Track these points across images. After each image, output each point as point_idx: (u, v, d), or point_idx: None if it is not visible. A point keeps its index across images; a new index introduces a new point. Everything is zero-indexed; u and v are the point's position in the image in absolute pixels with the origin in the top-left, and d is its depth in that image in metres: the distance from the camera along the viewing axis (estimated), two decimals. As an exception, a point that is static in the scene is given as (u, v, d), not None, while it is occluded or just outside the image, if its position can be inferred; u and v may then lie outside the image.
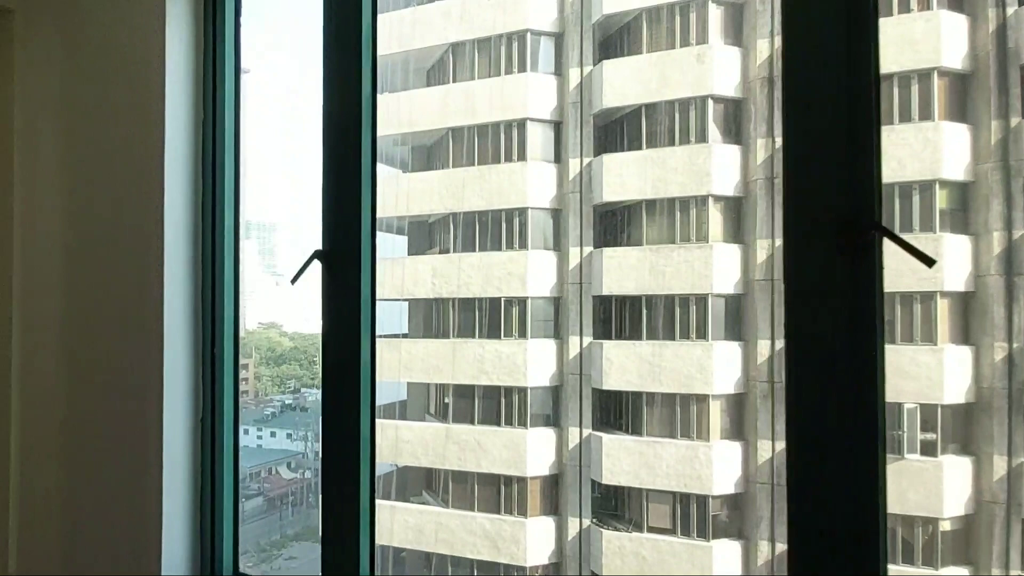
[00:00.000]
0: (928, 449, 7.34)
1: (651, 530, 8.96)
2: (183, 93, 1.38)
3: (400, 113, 11.03)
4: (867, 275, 0.77)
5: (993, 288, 7.15)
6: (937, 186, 7.50)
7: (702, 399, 8.74)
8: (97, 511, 1.42)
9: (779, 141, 8.22)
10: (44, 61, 1.53)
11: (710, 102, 8.89)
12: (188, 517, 1.34)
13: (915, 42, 7.58)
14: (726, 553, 8.57)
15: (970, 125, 7.41)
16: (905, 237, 0.80)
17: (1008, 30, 7.21)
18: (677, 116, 9.12)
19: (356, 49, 1.19)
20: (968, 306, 7.40)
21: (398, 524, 10.20)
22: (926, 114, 7.56)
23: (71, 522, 1.47)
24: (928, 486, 7.24)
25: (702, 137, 8.94)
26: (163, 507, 1.29)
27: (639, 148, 9.38)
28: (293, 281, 1.18)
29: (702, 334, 8.79)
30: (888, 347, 0.81)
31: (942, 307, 7.39)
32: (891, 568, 1.30)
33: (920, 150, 7.50)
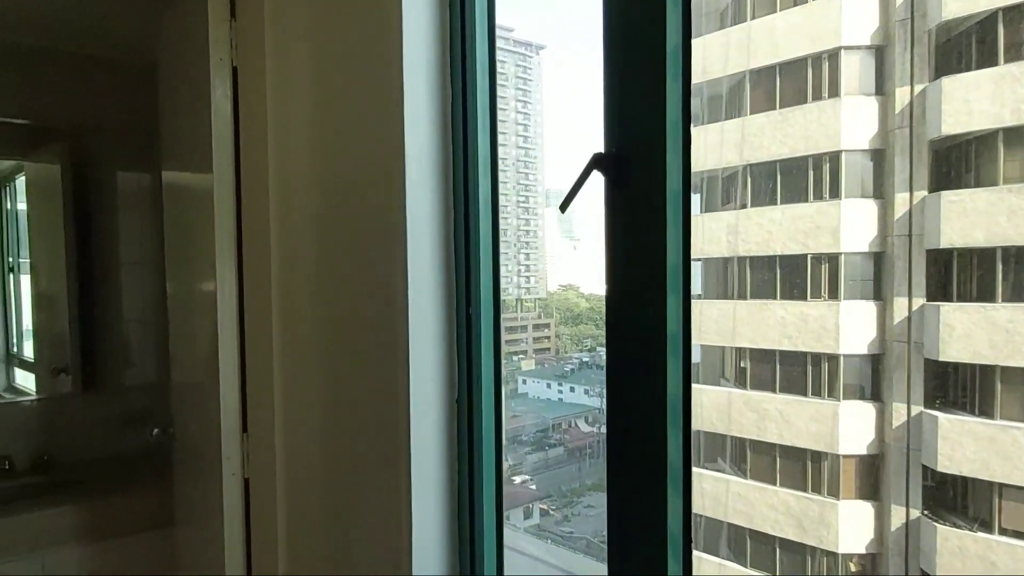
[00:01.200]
0: None
1: (1005, 532, 7.50)
2: (423, 60, 1.22)
3: (693, 63, 10.54)
4: None
5: None
6: None
7: (1087, 379, 6.90)
8: (352, 509, 1.36)
9: None
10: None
11: (1107, -10, 6.75)
12: (441, 514, 1.19)
13: None
14: (1122, 578, 6.75)
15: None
16: None
17: None
18: (1054, 15, 7.12)
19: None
20: None
21: (693, 489, 10.06)
22: None
23: (330, 522, 1.44)
24: None
25: (1094, 38, 6.86)
26: (412, 504, 1.15)
27: (994, 65, 7.56)
28: (563, 207, 0.91)
29: (1088, 296, 6.89)
30: None
31: None
32: None
33: None
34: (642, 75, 0.86)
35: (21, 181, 3.10)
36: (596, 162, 0.83)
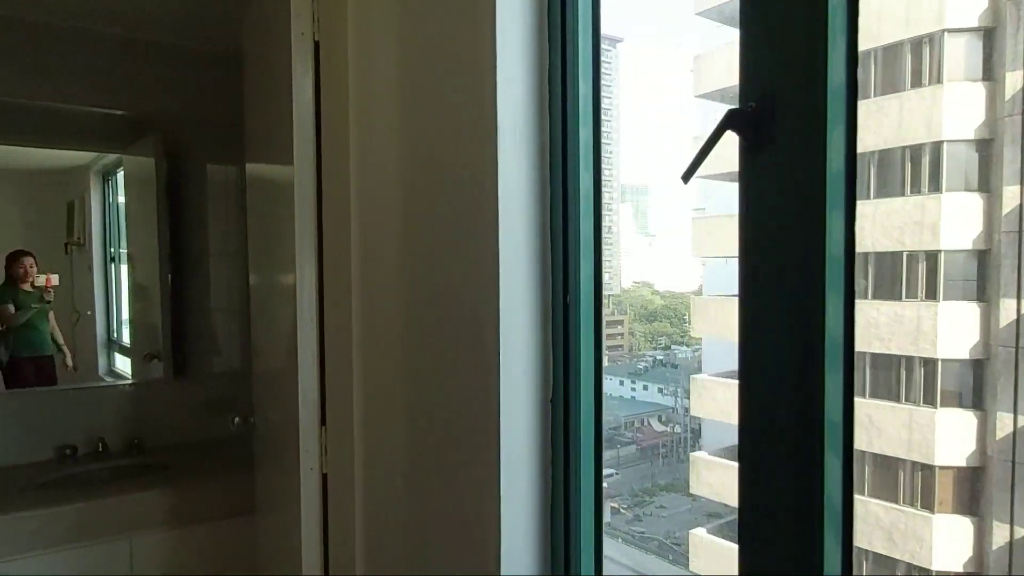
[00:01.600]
0: None
1: (1125, 557, 6.88)
2: (518, 37, 1.13)
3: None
4: None
5: None
6: None
7: None
8: (435, 510, 1.28)
9: None
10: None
11: None
12: (533, 516, 1.10)
13: None
14: None
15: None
16: None
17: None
18: None
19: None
20: None
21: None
22: None
23: (411, 522, 1.36)
24: None
25: None
26: (501, 509, 1.06)
27: (1123, 44, 6.92)
28: (686, 178, 0.77)
29: None
30: None
31: None
32: None
33: None
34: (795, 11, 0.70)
35: (121, 175, 3.22)
36: (729, 119, 0.69)
